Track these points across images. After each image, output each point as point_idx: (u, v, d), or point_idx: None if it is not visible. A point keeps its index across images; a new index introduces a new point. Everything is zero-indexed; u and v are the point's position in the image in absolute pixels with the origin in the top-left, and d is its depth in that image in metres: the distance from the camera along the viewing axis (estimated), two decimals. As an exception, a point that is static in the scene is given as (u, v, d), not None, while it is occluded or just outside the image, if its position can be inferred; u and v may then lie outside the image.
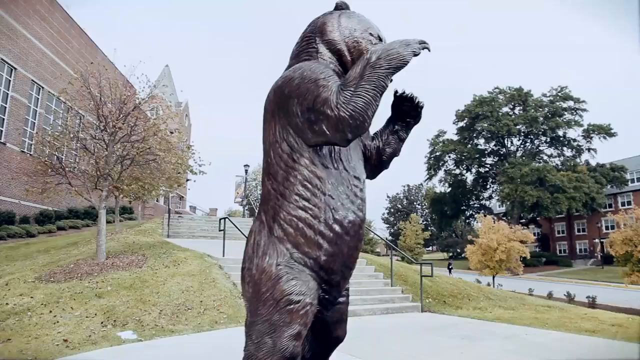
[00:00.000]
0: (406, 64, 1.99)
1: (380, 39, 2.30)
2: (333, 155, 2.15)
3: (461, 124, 54.31)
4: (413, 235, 42.23)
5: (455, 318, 8.79)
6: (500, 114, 50.77)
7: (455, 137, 55.32)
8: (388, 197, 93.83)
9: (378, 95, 1.95)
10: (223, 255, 10.06)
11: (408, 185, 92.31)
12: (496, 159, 54.92)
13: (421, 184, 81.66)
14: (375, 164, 2.51)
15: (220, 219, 11.56)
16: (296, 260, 2.09)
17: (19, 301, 6.89)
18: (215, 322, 6.96)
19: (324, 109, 1.96)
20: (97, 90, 9.39)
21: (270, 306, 2.04)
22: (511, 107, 52.29)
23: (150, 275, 8.40)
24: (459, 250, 63.47)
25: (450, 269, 40.21)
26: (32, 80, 22.33)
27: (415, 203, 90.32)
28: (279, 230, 2.11)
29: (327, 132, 1.98)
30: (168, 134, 10.91)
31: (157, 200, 46.85)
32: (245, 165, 35.83)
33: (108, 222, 23.07)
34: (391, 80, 2.21)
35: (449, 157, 56.17)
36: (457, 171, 57.44)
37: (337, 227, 2.08)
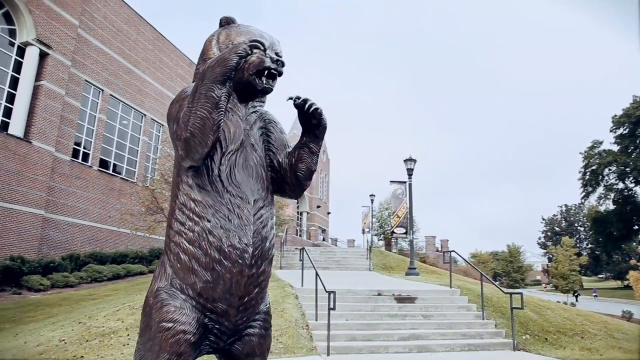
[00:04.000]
0: (233, 68, 1.95)
1: (265, 49, 2.18)
2: (212, 175, 2.05)
3: (620, 130, 46.91)
4: (566, 261, 37.10)
5: None
6: (671, 114, 42.67)
7: (615, 147, 47.91)
8: (544, 219, 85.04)
9: (212, 107, 1.90)
10: (302, 286, 10.30)
11: (566, 205, 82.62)
12: (673, 167, 45.89)
13: (581, 203, 72.26)
14: (292, 181, 2.30)
15: (300, 249, 11.87)
16: (174, 286, 2.05)
17: (112, 324, 8.02)
18: (270, 351, 7.12)
19: (176, 129, 1.99)
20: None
21: (145, 333, 2.07)
22: (686, 104, 43.61)
23: (227, 304, 9.00)
24: (635, 278, 53.87)
25: (576, 296, 34.47)
26: (176, 134, 26.12)
27: (576, 224, 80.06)
28: (165, 257, 2.15)
29: (182, 153, 1.99)
30: None
31: (299, 235, 49.72)
32: (370, 195, 36.07)
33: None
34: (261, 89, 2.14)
35: (609, 170, 48.65)
36: (621, 185, 49.34)
37: (213, 252, 1.96)
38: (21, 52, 17.27)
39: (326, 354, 7.17)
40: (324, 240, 52.04)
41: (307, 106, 2.20)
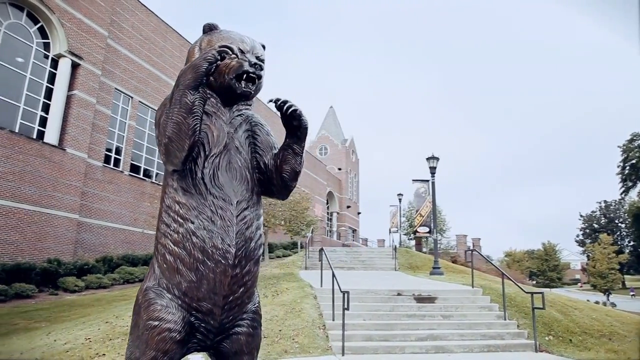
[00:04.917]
0: (203, 74, 2.03)
1: (243, 52, 2.23)
2: (195, 178, 2.11)
3: (662, 122, 44.83)
4: (604, 260, 35.67)
5: (573, 361, 7.36)
6: None
7: (656, 139, 45.88)
8: (582, 216, 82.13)
9: (186, 113, 1.98)
10: (321, 286, 10.37)
11: (605, 201, 79.51)
12: None
13: (622, 199, 69.43)
14: (278, 183, 2.32)
15: (319, 250, 11.94)
16: (161, 286, 2.13)
17: (136, 325, 8.31)
18: (285, 351, 7.24)
19: (157, 134, 2.11)
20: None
21: (134, 331, 2.16)
22: None
23: (247, 305, 9.18)
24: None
25: (607, 295, 33.60)
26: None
27: (616, 221, 76.94)
28: (154, 258, 2.25)
29: (163, 158, 2.10)
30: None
31: (328, 235, 49.86)
32: (398, 195, 35.74)
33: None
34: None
35: (651, 163, 46.67)
36: (664, 179, 47.17)
37: (197, 253, 2.03)
38: (55, 63, 18.07)
39: (341, 354, 7.21)
40: (341, 240, 51.92)
41: (285, 108, 2.23)
